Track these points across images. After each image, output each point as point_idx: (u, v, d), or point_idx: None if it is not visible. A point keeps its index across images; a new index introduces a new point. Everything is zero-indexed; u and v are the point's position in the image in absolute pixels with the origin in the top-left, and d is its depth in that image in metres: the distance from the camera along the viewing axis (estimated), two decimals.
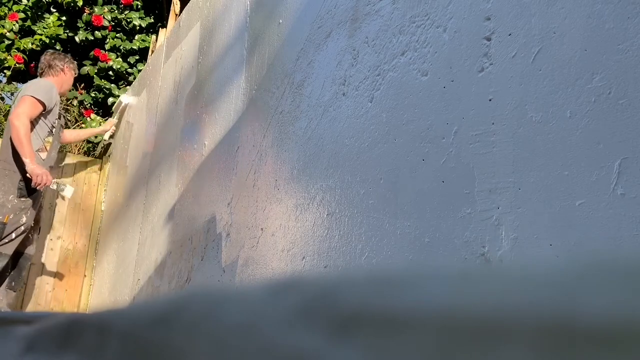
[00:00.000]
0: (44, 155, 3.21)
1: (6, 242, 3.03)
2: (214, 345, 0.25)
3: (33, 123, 3.09)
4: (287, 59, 1.84)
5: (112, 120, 4.06)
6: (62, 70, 3.37)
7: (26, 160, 2.96)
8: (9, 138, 3.08)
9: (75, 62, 3.56)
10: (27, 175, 2.98)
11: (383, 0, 1.41)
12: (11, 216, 3.02)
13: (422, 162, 1.19)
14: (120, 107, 3.97)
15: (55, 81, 3.31)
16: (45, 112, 3.14)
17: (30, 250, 3.28)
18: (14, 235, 3.05)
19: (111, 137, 4.06)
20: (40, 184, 2.98)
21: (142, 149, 3.42)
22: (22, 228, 3.08)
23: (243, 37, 2.23)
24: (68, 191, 3.36)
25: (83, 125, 4.46)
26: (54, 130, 3.26)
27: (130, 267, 3.10)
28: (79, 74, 4.21)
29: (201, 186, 2.38)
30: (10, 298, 3.17)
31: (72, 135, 3.77)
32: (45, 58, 3.38)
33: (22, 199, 3.06)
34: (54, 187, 3.22)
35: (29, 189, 3.07)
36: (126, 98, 3.92)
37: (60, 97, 3.41)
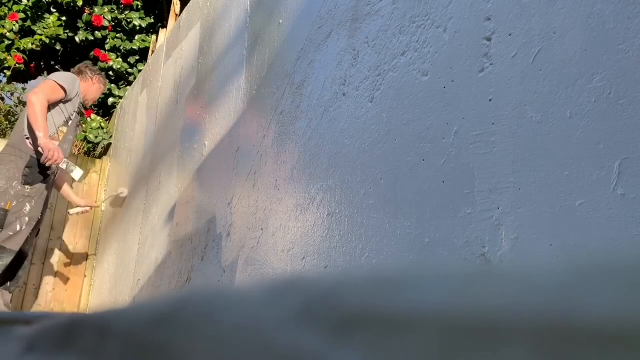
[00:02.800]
0: (55, 143, 3.07)
1: (11, 235, 2.88)
2: (213, 345, 0.25)
3: (50, 107, 3.01)
4: (287, 59, 1.84)
5: (91, 202, 3.72)
6: (91, 78, 3.34)
7: (39, 134, 2.85)
8: (24, 119, 3.00)
9: (107, 80, 3.53)
10: (39, 149, 2.88)
11: (383, 0, 1.41)
12: (14, 203, 2.89)
13: (422, 162, 1.19)
14: (114, 196, 3.71)
15: (83, 86, 3.28)
16: (64, 99, 3.08)
17: (28, 250, 3.13)
18: (18, 226, 2.91)
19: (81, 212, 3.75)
20: (50, 159, 2.87)
21: (142, 149, 3.42)
22: (27, 219, 2.94)
23: (243, 37, 2.23)
24: (77, 173, 3.19)
25: (83, 126, 4.46)
26: (69, 122, 3.17)
27: (130, 267, 3.10)
28: None
29: (201, 186, 2.38)
30: (7, 298, 3.01)
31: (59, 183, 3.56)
32: (78, 65, 3.39)
33: (26, 186, 2.95)
34: (64, 166, 3.09)
35: (34, 177, 2.97)
36: (124, 190, 3.66)
37: (82, 104, 3.36)
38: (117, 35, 4.70)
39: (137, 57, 4.72)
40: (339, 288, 0.22)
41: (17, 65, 4.51)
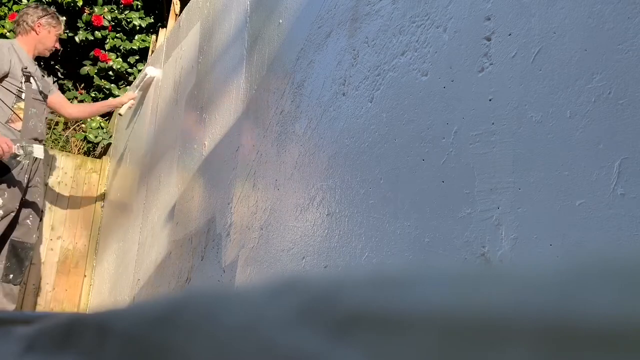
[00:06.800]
0: (17, 125, 2.78)
1: None
2: (214, 345, 0.25)
3: None
4: (287, 59, 1.84)
5: (132, 94, 3.48)
6: (32, 28, 2.90)
7: None
8: None
9: (60, 17, 3.04)
10: None
11: (383, 0, 1.41)
12: None
13: (422, 162, 1.19)
14: (145, 80, 3.37)
15: (26, 41, 2.91)
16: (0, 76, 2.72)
17: (28, 238, 2.91)
18: None
19: (128, 109, 3.51)
20: (1, 154, 2.57)
21: (142, 149, 3.42)
22: (1, 212, 2.72)
23: (243, 37, 2.23)
24: (38, 151, 2.82)
25: (83, 125, 4.45)
26: (23, 94, 2.80)
27: (130, 267, 3.10)
28: (78, 73, 4.20)
29: (201, 186, 2.38)
30: (8, 290, 2.86)
31: (77, 109, 3.26)
32: (19, 14, 2.97)
33: None
34: (21, 152, 2.73)
35: (1, 168, 2.71)
36: (152, 70, 3.32)
37: (41, 57, 3.01)
38: (117, 35, 4.70)
39: (137, 57, 4.71)
40: (339, 288, 0.22)
41: None
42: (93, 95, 4.72)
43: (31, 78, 2.89)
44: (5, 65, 2.76)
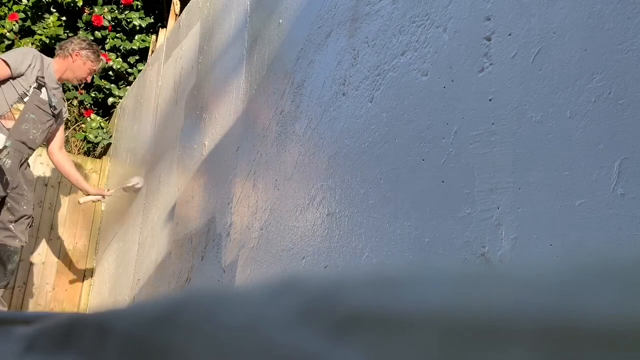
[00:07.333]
0: (8, 124, 2.79)
1: None
2: (214, 345, 0.25)
3: None
4: (287, 59, 1.84)
5: (103, 191, 3.48)
6: (71, 55, 3.02)
7: None
8: None
9: (102, 57, 3.17)
10: None
11: (383, 0, 1.41)
12: None
13: (422, 162, 1.19)
14: (129, 186, 3.34)
15: (60, 63, 3.01)
16: (13, 75, 2.79)
17: (10, 241, 2.89)
18: None
19: (93, 201, 3.51)
20: None
21: (142, 149, 3.42)
22: None
23: (243, 37, 2.23)
24: None
25: (83, 126, 4.45)
26: (26, 98, 2.85)
27: (130, 267, 3.10)
28: None
29: (201, 186, 2.38)
30: None
31: (60, 159, 3.25)
32: (66, 40, 3.12)
33: None
34: None
35: None
36: (139, 180, 3.30)
37: (66, 81, 3.10)
38: (117, 35, 4.70)
39: (137, 57, 4.71)
40: (339, 288, 0.22)
41: None
42: (93, 95, 4.72)
43: (43, 88, 2.94)
44: (23, 67, 2.83)
